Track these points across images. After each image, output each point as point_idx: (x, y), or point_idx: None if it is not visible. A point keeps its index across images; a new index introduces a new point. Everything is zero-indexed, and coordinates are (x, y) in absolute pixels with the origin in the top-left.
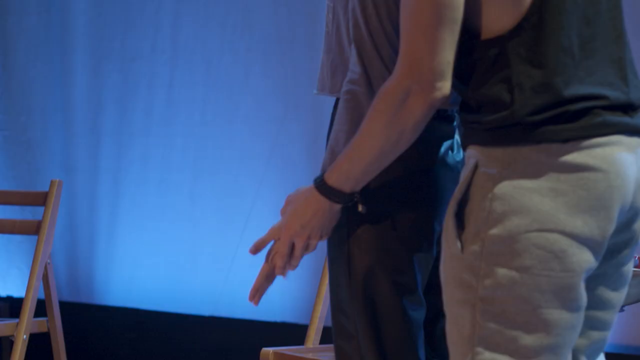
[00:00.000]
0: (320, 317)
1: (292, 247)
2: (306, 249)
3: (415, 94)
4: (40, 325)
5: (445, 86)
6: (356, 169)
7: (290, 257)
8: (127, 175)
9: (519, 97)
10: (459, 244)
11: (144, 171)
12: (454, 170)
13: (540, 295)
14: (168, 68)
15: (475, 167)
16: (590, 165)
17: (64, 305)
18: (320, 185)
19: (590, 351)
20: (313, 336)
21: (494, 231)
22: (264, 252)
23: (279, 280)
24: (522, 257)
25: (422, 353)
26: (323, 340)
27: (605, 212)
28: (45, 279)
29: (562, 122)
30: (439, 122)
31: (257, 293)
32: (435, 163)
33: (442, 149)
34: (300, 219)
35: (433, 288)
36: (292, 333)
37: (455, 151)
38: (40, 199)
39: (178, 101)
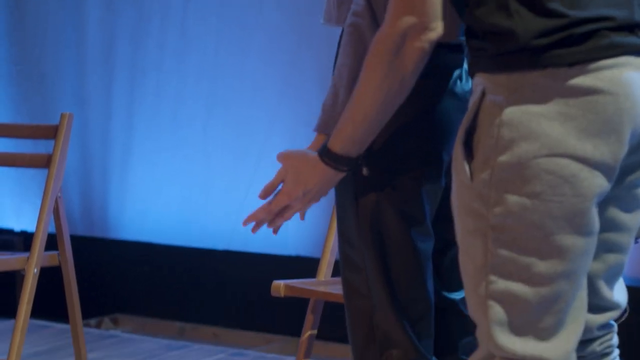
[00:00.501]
0: (332, 250)
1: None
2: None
3: (410, 38)
4: (52, 259)
5: (439, 25)
6: (360, 131)
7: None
8: (140, 109)
9: (520, 23)
10: (468, 173)
11: (156, 105)
12: (462, 99)
13: (552, 221)
14: (181, 1)
15: (483, 94)
16: (598, 88)
17: (77, 239)
18: (326, 155)
19: (607, 276)
20: (325, 269)
21: (503, 158)
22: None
23: (294, 215)
24: (532, 183)
25: (430, 284)
26: (335, 273)
27: (615, 135)
28: (57, 212)
29: (568, 45)
30: (446, 52)
31: (256, 225)
32: (444, 93)
33: (451, 80)
34: (304, 186)
35: (442, 219)
36: (305, 266)
37: (464, 80)
38: (51, 132)
39: (191, 34)
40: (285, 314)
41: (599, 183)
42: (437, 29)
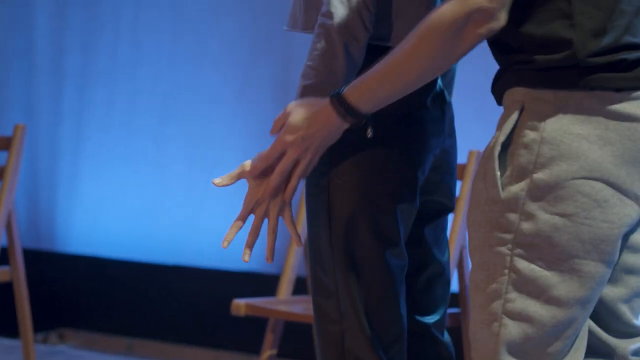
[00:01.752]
0: (292, 267)
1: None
2: (294, 171)
3: (474, 22)
4: (3, 274)
5: (503, 18)
6: (384, 91)
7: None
8: (91, 119)
9: (580, 37)
10: (499, 186)
11: (108, 115)
12: (437, 117)
13: (580, 245)
14: (134, 8)
15: (522, 109)
16: (638, 116)
17: (22, 251)
18: (338, 100)
19: (630, 299)
20: (285, 287)
21: (540, 175)
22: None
23: (246, 227)
24: (566, 203)
25: (403, 308)
26: (295, 291)
27: None
28: (9, 227)
29: (618, 70)
30: None
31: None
32: (419, 110)
33: (425, 95)
34: (304, 130)
35: (415, 240)
36: (260, 283)
37: (437, 103)
38: (4, 144)
39: (144, 45)
40: (237, 330)
41: (628, 212)
42: (501, 20)
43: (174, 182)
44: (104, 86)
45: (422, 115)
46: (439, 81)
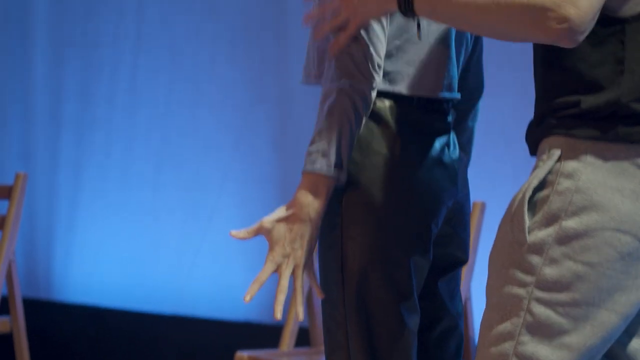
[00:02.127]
0: (295, 318)
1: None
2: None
3: (560, 22)
4: (3, 325)
5: (582, 37)
6: (443, 7)
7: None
8: (88, 166)
9: (629, 81)
10: (526, 230)
11: (105, 162)
12: (450, 169)
13: (598, 294)
14: (131, 55)
15: (559, 157)
16: None
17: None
18: None
19: None
20: (288, 338)
21: (570, 223)
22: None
23: (246, 277)
24: (591, 253)
25: None
26: (298, 343)
27: None
28: (9, 276)
29: None
30: (433, 117)
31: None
32: (432, 162)
33: (438, 147)
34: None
35: (428, 294)
36: (259, 333)
37: (451, 149)
38: (4, 193)
39: (141, 89)
40: None
41: None
42: (579, 38)
43: (171, 229)
44: (101, 132)
45: (437, 174)
46: (452, 135)
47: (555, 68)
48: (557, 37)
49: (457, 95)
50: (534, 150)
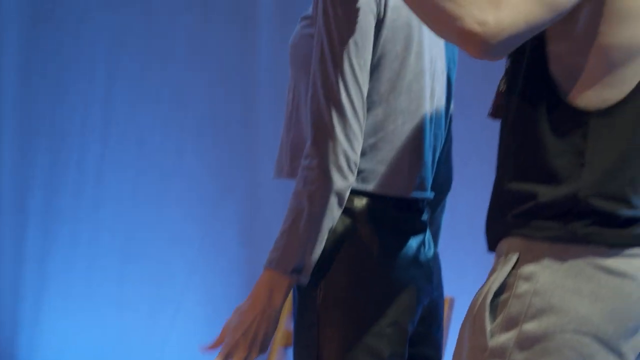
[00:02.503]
0: None
1: None
2: None
3: (474, 28)
4: None
5: (494, 53)
6: None
7: None
8: (54, 258)
9: (589, 175)
10: (488, 335)
11: (71, 255)
12: (426, 267)
13: None
14: (98, 146)
15: (517, 260)
16: (629, 274)
17: None
18: None
19: None
20: None
21: (529, 326)
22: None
23: None
24: (553, 356)
25: None
26: None
27: (634, 323)
28: None
29: (613, 225)
30: (408, 215)
31: None
32: (409, 261)
33: (414, 245)
34: None
35: None
36: None
37: (427, 247)
38: None
39: (108, 182)
40: None
41: None
42: (492, 56)
43: (136, 323)
44: (67, 225)
45: (414, 273)
46: (428, 233)
47: (516, 155)
48: (466, 43)
49: (430, 195)
50: (492, 246)
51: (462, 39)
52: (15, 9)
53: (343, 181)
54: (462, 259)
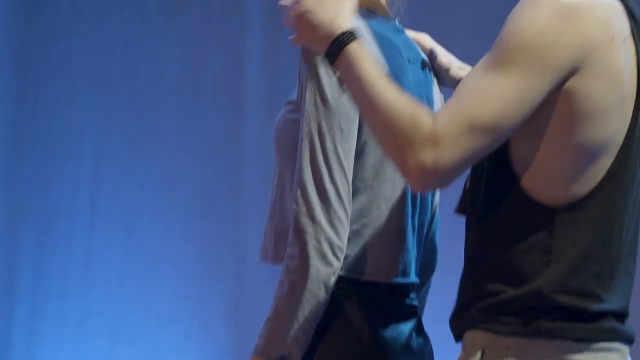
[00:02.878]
0: None
1: None
2: None
3: (416, 162)
4: None
5: (436, 185)
6: (350, 80)
7: None
8: (41, 340)
9: (554, 272)
10: None
11: (59, 335)
12: (417, 354)
13: None
14: (86, 228)
15: (482, 354)
16: None
17: None
18: None
19: None
20: None
21: None
22: None
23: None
24: None
25: None
26: None
27: None
28: None
29: (580, 320)
30: (399, 301)
31: None
32: (401, 347)
33: (406, 331)
34: None
35: None
36: None
37: (418, 333)
38: None
39: (96, 262)
40: None
41: None
42: (433, 185)
43: None
44: (55, 305)
45: (405, 353)
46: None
47: (483, 251)
48: (406, 177)
49: (415, 280)
50: (458, 337)
51: (402, 173)
52: (1, 90)
53: (327, 268)
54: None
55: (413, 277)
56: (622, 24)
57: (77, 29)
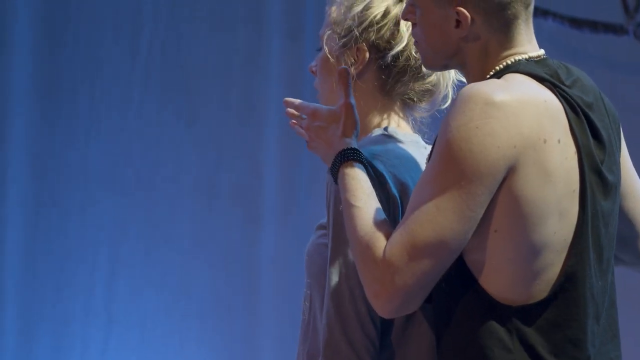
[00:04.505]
0: None
1: None
2: None
3: (376, 294)
4: None
5: (396, 312)
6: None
7: None
8: None
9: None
10: None
11: None
12: None
13: None
14: (102, 332)
15: None
16: None
17: None
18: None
19: None
20: None
21: None
22: None
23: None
24: None
25: None
26: None
27: None
28: None
29: None
30: None
31: None
32: None
33: None
34: None
35: None
36: None
37: None
38: None
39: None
40: None
41: None
42: (397, 308)
43: None
44: None
45: None
46: None
47: (446, 348)
48: (372, 303)
49: None
50: None
51: (369, 300)
52: (17, 194)
53: None
54: None
55: None
56: (555, 124)
57: (94, 133)
